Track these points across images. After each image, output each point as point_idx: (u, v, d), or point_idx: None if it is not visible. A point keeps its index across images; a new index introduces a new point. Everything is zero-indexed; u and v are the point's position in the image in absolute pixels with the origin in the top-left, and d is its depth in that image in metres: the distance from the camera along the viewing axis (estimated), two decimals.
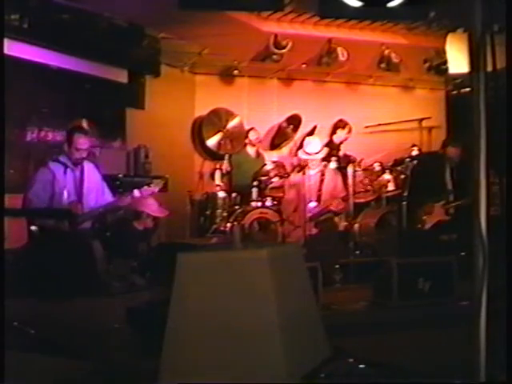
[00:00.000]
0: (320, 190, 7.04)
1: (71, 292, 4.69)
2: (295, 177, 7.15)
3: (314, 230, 6.78)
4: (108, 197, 5.77)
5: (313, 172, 7.01)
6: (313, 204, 6.80)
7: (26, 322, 3.83)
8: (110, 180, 6.04)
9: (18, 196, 5.44)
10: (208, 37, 7.45)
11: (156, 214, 6.04)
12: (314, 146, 7.14)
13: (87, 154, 5.61)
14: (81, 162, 5.57)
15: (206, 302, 2.88)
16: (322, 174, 7.13)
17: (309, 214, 6.71)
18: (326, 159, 7.45)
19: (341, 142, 8.46)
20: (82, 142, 5.54)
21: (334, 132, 8.62)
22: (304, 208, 6.74)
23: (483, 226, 2.41)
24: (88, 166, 5.68)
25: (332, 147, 8.26)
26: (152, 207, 5.96)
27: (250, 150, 8.26)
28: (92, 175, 5.70)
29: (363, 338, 4.02)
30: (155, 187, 5.73)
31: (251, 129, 8.31)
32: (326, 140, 8.52)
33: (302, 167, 7.13)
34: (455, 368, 2.86)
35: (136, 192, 5.58)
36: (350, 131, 8.55)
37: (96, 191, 5.69)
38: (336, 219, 6.95)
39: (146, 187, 5.71)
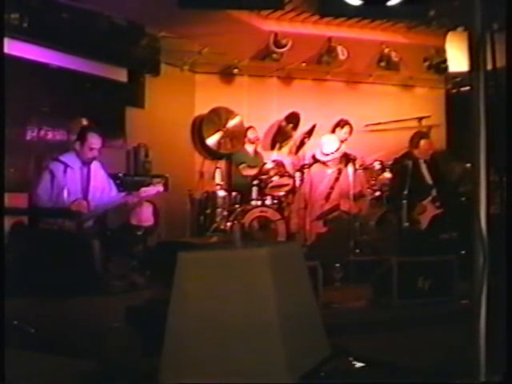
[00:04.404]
0: (332, 187, 7.09)
1: (71, 291, 4.69)
2: (312, 174, 7.23)
3: (323, 228, 6.84)
4: (115, 193, 5.79)
5: (330, 171, 7.09)
6: None
7: (25, 321, 3.83)
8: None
9: (19, 195, 5.45)
10: (208, 35, 7.44)
11: (141, 224, 6.04)
12: (331, 145, 7.20)
13: (98, 153, 5.64)
14: (91, 162, 5.59)
15: (205, 301, 2.88)
16: (339, 173, 7.20)
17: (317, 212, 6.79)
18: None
19: (341, 142, 8.44)
20: (96, 141, 5.56)
21: (333, 131, 8.61)
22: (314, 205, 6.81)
23: (483, 225, 2.41)
24: (94, 165, 5.70)
25: None
26: (144, 212, 5.97)
27: (249, 149, 8.26)
28: (98, 173, 5.72)
29: (363, 337, 4.03)
30: (160, 186, 5.76)
31: (250, 127, 8.31)
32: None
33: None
34: (455, 367, 2.86)
35: (142, 191, 5.61)
36: (350, 131, 8.53)
37: (102, 189, 5.71)
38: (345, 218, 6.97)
39: (151, 186, 5.73)
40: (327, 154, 7.35)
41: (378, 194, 7.33)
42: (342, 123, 8.52)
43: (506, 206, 2.44)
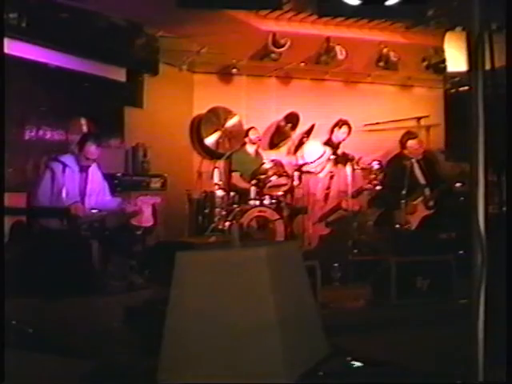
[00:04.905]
0: (329, 188, 7.11)
1: (70, 291, 4.69)
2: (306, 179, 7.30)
3: (326, 230, 6.88)
4: (109, 197, 5.81)
5: (322, 175, 7.13)
6: None
7: (24, 321, 3.83)
8: (108, 179, 6.05)
9: (17, 194, 5.45)
10: (206, 35, 7.43)
11: (141, 224, 6.06)
12: (314, 152, 7.25)
13: (93, 162, 5.66)
14: (86, 169, 5.61)
15: (204, 301, 2.88)
16: (331, 173, 7.24)
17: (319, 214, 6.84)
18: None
19: (339, 142, 8.43)
20: (93, 152, 5.57)
21: (331, 131, 8.61)
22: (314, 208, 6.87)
23: (481, 225, 2.41)
24: (92, 167, 5.70)
25: (331, 146, 8.28)
26: (145, 213, 5.99)
27: (250, 149, 8.25)
28: (95, 176, 5.73)
29: (362, 337, 4.03)
30: (157, 198, 5.82)
31: (251, 128, 8.29)
32: (324, 139, 8.54)
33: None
34: (454, 367, 2.86)
35: (138, 201, 5.65)
36: (349, 132, 8.51)
37: (98, 191, 5.73)
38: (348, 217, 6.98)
39: (149, 197, 5.77)
40: (311, 162, 7.42)
41: (378, 187, 7.30)
42: (340, 123, 8.50)
43: (506, 206, 2.44)
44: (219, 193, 7.37)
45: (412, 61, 8.77)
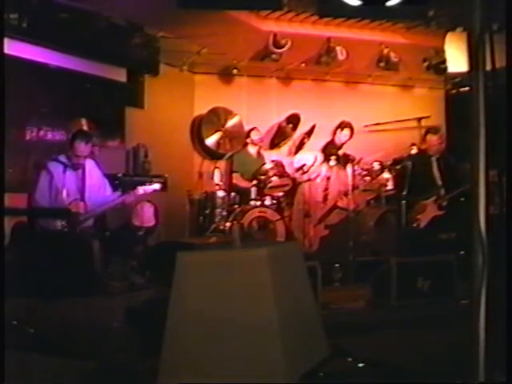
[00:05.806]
0: (327, 189, 7.13)
1: (70, 291, 4.69)
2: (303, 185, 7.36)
3: (325, 231, 6.90)
4: (109, 192, 5.82)
5: (319, 180, 7.17)
6: None
7: (25, 321, 3.83)
8: (109, 179, 6.06)
9: (17, 195, 5.45)
10: (207, 36, 7.44)
11: (143, 224, 6.07)
12: (305, 161, 7.32)
13: (86, 157, 5.65)
14: (79, 167, 5.61)
15: (205, 302, 2.88)
16: (328, 175, 7.28)
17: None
18: (326, 158, 7.63)
19: (341, 144, 8.43)
20: (82, 149, 5.58)
21: (334, 133, 8.61)
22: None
23: (482, 225, 2.41)
24: (89, 164, 5.71)
25: (333, 147, 8.29)
26: (146, 213, 5.98)
27: (252, 150, 8.23)
28: (93, 172, 5.75)
29: (362, 337, 4.03)
30: (157, 185, 5.79)
31: (253, 128, 8.28)
32: (324, 140, 8.55)
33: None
34: (455, 367, 2.86)
35: (139, 190, 5.64)
36: (351, 134, 8.49)
37: (98, 188, 5.74)
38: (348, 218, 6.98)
39: (147, 185, 5.76)
40: (305, 172, 7.47)
41: (368, 180, 7.30)
42: (342, 125, 8.50)
43: (506, 206, 2.44)
44: (220, 193, 7.36)
45: (413, 61, 8.77)
